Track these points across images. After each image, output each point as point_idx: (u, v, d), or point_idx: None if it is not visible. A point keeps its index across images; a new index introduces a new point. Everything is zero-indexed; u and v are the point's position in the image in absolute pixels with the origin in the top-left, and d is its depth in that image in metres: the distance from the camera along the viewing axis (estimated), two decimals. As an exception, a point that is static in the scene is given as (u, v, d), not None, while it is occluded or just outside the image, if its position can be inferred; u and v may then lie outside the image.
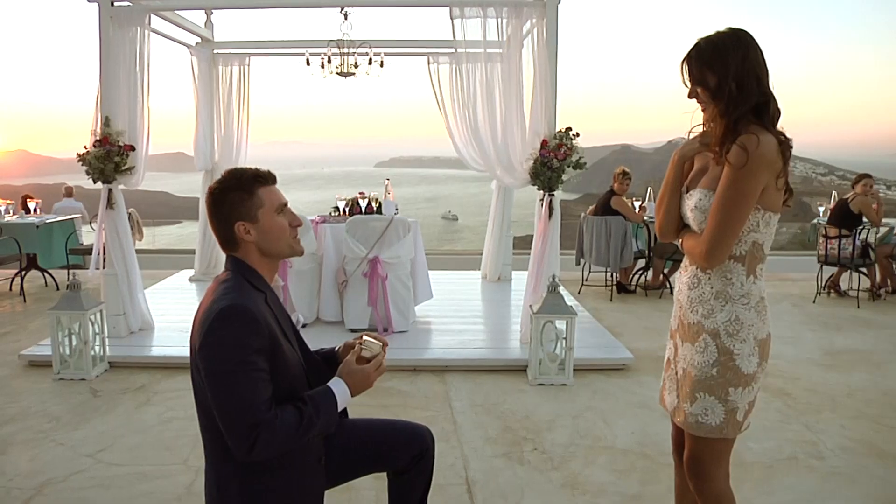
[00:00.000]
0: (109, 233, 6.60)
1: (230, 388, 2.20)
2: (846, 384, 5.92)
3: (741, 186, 2.35)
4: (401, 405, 5.29)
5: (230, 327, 2.23)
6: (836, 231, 8.92)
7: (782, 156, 2.39)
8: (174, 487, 4.05)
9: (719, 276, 2.51)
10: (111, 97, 6.40)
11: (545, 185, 6.33)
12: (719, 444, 2.63)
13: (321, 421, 2.34)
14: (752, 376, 2.53)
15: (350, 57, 8.89)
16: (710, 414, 2.55)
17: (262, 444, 2.19)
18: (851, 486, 4.15)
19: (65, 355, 5.88)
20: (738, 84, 2.36)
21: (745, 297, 2.49)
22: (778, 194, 2.44)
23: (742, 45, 2.38)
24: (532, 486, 4.11)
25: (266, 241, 2.47)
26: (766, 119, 2.41)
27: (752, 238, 2.46)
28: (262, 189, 2.47)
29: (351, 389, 2.45)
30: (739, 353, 2.49)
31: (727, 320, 2.50)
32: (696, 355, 2.57)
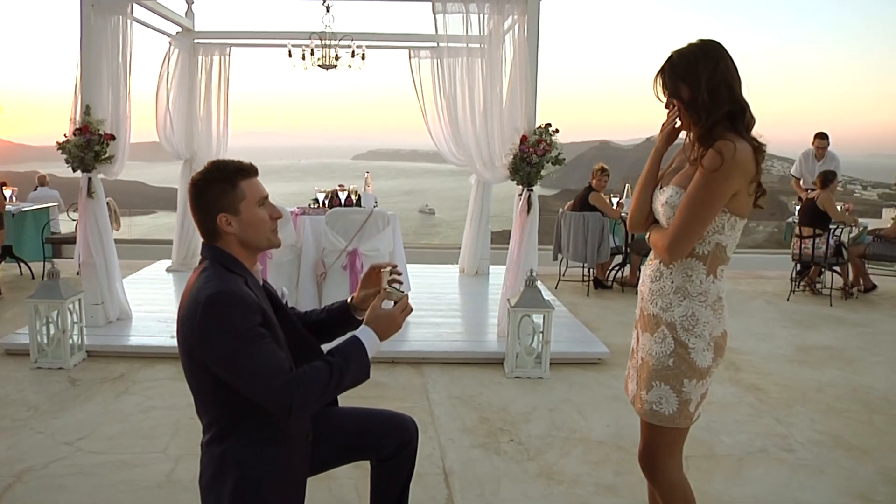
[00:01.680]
0: (88, 222, 6.58)
1: (250, 360, 2.25)
2: (817, 380, 6.03)
3: (712, 189, 2.42)
4: (379, 397, 5.33)
5: (224, 310, 2.27)
6: (809, 230, 9.03)
7: (756, 161, 2.46)
8: (154, 475, 4.08)
9: (681, 272, 2.58)
10: (92, 85, 6.38)
11: (524, 181, 6.38)
12: (672, 433, 2.70)
13: (352, 369, 2.40)
14: (706, 370, 2.61)
15: (332, 49, 8.90)
16: (664, 403, 2.63)
17: (300, 399, 2.26)
18: (820, 478, 4.24)
19: (42, 344, 5.87)
20: (709, 94, 2.43)
21: (703, 295, 2.57)
22: (748, 200, 2.51)
23: (712, 56, 2.45)
24: (508, 476, 4.17)
25: (246, 233, 2.50)
26: (740, 126, 2.47)
27: (717, 240, 2.54)
28: (245, 182, 2.51)
29: (379, 334, 2.51)
30: (694, 347, 2.57)
31: (684, 315, 2.57)
32: (654, 345, 2.64)
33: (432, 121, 8.17)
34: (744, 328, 7.71)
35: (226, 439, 2.43)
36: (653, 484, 2.84)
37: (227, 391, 2.33)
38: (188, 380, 2.48)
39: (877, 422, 5.17)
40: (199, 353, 2.33)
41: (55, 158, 6.50)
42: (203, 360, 2.33)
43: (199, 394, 2.48)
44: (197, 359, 2.36)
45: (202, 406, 2.50)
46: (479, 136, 6.88)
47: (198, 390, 2.48)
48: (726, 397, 5.57)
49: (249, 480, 2.40)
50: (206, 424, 2.51)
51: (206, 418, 2.49)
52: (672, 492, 2.79)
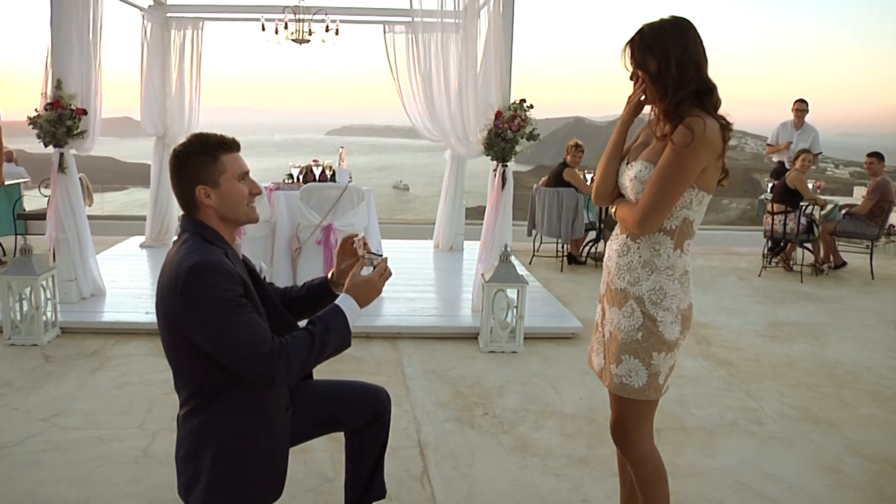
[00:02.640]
0: (61, 197, 6.52)
1: (232, 329, 2.27)
2: (787, 354, 6.12)
3: (683, 164, 2.45)
4: (354, 370, 5.36)
5: (206, 280, 2.28)
6: (780, 207, 9.12)
7: (723, 139, 2.51)
8: (130, 451, 4.08)
9: (648, 246, 2.61)
10: (63, 59, 6.29)
11: (499, 156, 6.39)
12: (642, 405, 2.73)
13: (333, 337, 2.42)
14: (675, 343, 2.64)
15: (305, 24, 8.85)
16: (633, 376, 2.66)
17: (283, 368, 2.28)
18: (788, 450, 4.32)
19: (16, 321, 5.83)
20: (678, 69, 2.45)
21: (671, 269, 2.60)
22: (715, 175, 2.56)
23: (683, 33, 2.48)
24: (483, 449, 4.21)
25: (225, 207, 2.51)
26: (707, 105, 2.50)
27: (684, 214, 2.57)
28: (226, 156, 2.51)
29: (359, 301, 2.54)
30: (662, 320, 2.60)
31: (652, 289, 2.60)
32: (623, 319, 2.67)
33: (407, 96, 8.15)
34: (715, 303, 7.80)
35: (204, 412, 2.43)
36: (624, 455, 2.89)
37: (208, 363, 2.34)
38: (167, 353, 2.49)
39: (844, 395, 5.27)
40: (180, 324, 2.33)
41: (25, 134, 6.43)
42: (184, 332, 2.34)
43: (178, 367, 2.49)
44: (178, 331, 2.36)
45: (181, 379, 2.51)
46: (453, 111, 6.88)
47: (177, 363, 2.48)
48: (697, 371, 5.65)
49: (228, 452, 2.42)
50: (184, 398, 2.51)
51: (185, 391, 2.50)
52: (643, 462, 2.83)
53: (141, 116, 9.02)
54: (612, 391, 2.78)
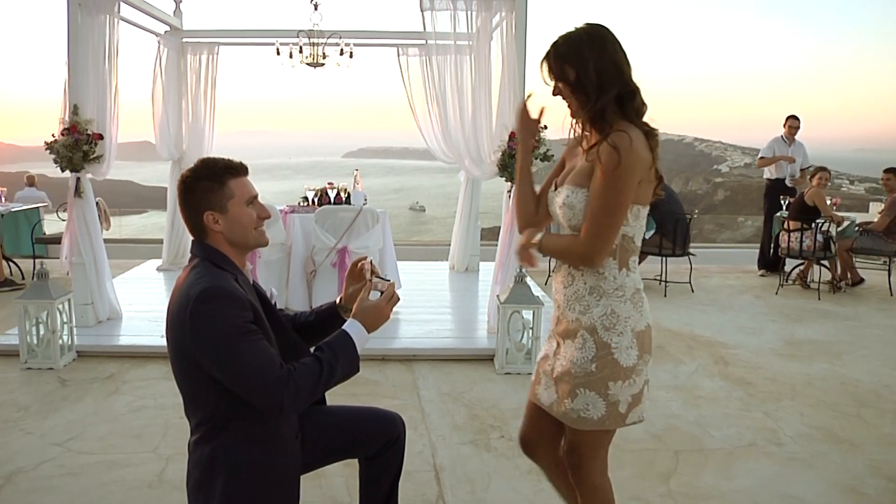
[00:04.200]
0: (77, 221, 6.57)
1: (241, 356, 2.26)
2: (806, 373, 6.06)
3: (618, 186, 2.38)
4: (369, 394, 5.34)
5: (214, 305, 2.27)
6: (796, 224, 9.07)
7: (650, 147, 2.44)
8: (145, 475, 4.08)
9: (592, 271, 2.52)
10: (80, 85, 6.35)
11: (513, 177, 6.38)
12: (596, 435, 2.64)
13: (341, 364, 2.39)
14: (633, 369, 2.53)
15: (320, 47, 8.90)
16: (591, 409, 2.54)
17: (290, 395, 2.26)
18: (809, 471, 4.27)
19: (32, 344, 5.85)
20: (597, 74, 2.40)
21: (620, 290, 2.52)
22: (649, 186, 2.49)
23: (598, 39, 2.44)
24: (499, 473, 4.18)
25: (233, 232, 2.51)
26: (629, 110, 2.44)
27: (622, 231, 2.49)
28: (233, 180, 2.51)
29: (367, 326, 2.50)
30: (617, 346, 2.50)
31: (603, 314, 2.51)
32: (575, 352, 2.56)
33: (422, 118, 8.17)
34: (732, 322, 7.74)
35: (214, 439, 2.42)
36: (576, 485, 2.79)
37: (218, 390, 2.33)
38: (177, 379, 2.48)
39: (865, 415, 5.20)
40: (189, 350, 2.33)
41: (45, 159, 6.49)
42: (193, 357, 2.33)
43: (188, 393, 2.48)
44: (187, 356, 2.35)
45: (191, 405, 2.50)
46: (467, 133, 6.89)
47: (187, 389, 2.48)
48: (715, 391, 5.59)
49: (240, 481, 2.40)
50: (194, 424, 2.50)
51: (195, 418, 2.49)
52: (594, 494, 2.75)
53: (156, 141, 9.08)
54: (567, 424, 2.65)
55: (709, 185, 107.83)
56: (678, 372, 6.04)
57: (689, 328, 7.46)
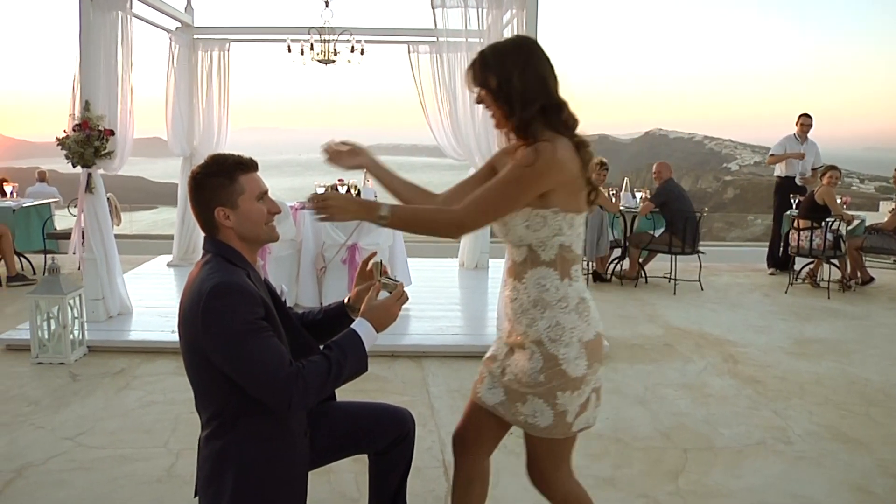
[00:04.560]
0: (89, 217, 6.60)
1: (250, 352, 2.26)
2: (815, 372, 6.05)
3: (520, 183, 2.39)
4: (379, 390, 5.35)
5: (227, 301, 2.28)
6: (806, 223, 9.05)
7: (581, 159, 2.44)
8: (155, 470, 4.10)
9: (534, 284, 2.51)
10: (91, 81, 6.38)
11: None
12: (555, 444, 2.63)
13: (350, 362, 2.39)
14: (581, 379, 2.52)
15: (331, 44, 8.91)
16: (539, 416, 2.54)
17: (300, 392, 2.26)
18: (818, 470, 4.26)
19: (43, 339, 5.89)
20: (521, 84, 2.40)
21: (563, 301, 2.50)
22: (579, 196, 2.49)
23: (523, 50, 2.46)
24: (508, 470, 4.17)
25: (244, 227, 2.51)
26: (556, 123, 2.45)
27: (559, 241, 2.48)
28: (244, 176, 2.51)
29: (375, 326, 2.49)
30: (565, 357, 2.49)
31: (548, 326, 2.49)
32: (525, 362, 2.55)
33: (432, 115, 8.18)
34: (742, 321, 7.73)
35: (225, 435, 2.43)
36: (546, 496, 2.77)
37: (228, 385, 2.34)
38: (188, 374, 2.49)
39: (874, 414, 5.19)
40: (200, 345, 2.33)
41: (57, 154, 6.51)
42: (205, 352, 2.34)
43: (199, 388, 2.49)
44: (199, 351, 2.36)
45: (202, 400, 2.51)
46: (478, 130, 6.89)
47: (198, 384, 2.49)
48: (724, 389, 5.59)
49: (249, 477, 2.41)
50: (205, 419, 2.52)
51: (206, 413, 2.50)
52: (567, 500, 2.74)
53: (168, 137, 9.10)
54: (519, 427, 2.65)
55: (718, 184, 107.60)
56: (687, 370, 6.03)
57: (698, 326, 7.45)
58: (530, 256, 2.51)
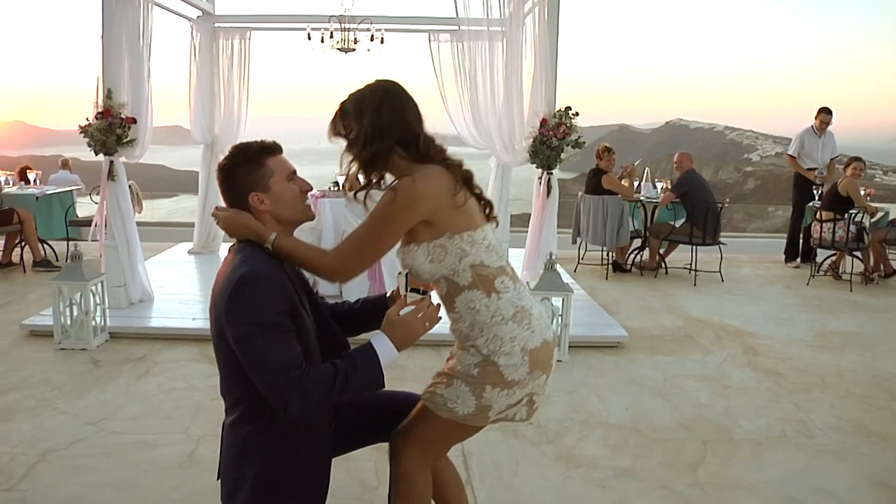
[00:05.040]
0: (110, 204, 6.64)
1: (260, 350, 2.25)
2: (836, 365, 6.01)
3: (386, 222, 2.40)
4: (397, 379, 5.31)
5: (251, 292, 2.27)
6: (829, 215, 8.98)
7: (455, 178, 2.46)
8: (175, 456, 4.12)
9: (465, 309, 2.50)
10: (113, 69, 6.40)
11: (544, 164, 6.39)
12: (452, 426, 2.58)
13: (359, 378, 2.32)
14: (518, 382, 2.47)
15: (351, 33, 8.92)
16: (459, 403, 2.50)
17: (298, 400, 2.23)
18: (839, 464, 4.23)
19: (66, 325, 5.93)
20: (373, 127, 2.42)
21: (497, 315, 2.47)
22: (466, 213, 2.48)
23: (378, 93, 2.47)
24: (526, 459, 4.19)
25: (280, 208, 2.51)
26: (420, 154, 2.47)
27: (468, 263, 2.46)
28: (270, 159, 2.52)
29: (396, 343, 2.41)
30: (505, 364, 2.44)
31: (486, 339, 2.46)
32: (464, 354, 2.52)
33: (452, 104, 8.16)
34: (763, 313, 7.69)
35: (248, 423, 2.43)
36: (395, 461, 2.73)
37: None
38: (217, 359, 2.48)
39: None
40: (225, 331, 2.35)
41: (80, 142, 6.55)
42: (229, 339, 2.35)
43: (225, 373, 2.49)
44: (224, 337, 2.36)
45: (227, 385, 2.51)
46: (499, 119, 6.87)
47: (224, 369, 2.48)
48: (745, 381, 5.56)
49: (271, 466, 2.41)
50: (229, 405, 2.52)
51: (230, 399, 2.50)
52: (403, 480, 2.69)
53: (190, 125, 9.14)
54: (430, 407, 2.59)
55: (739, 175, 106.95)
56: (707, 362, 6.01)
57: (718, 318, 7.42)
58: (450, 287, 2.51)
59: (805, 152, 10.31)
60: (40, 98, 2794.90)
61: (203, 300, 7.30)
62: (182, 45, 9.01)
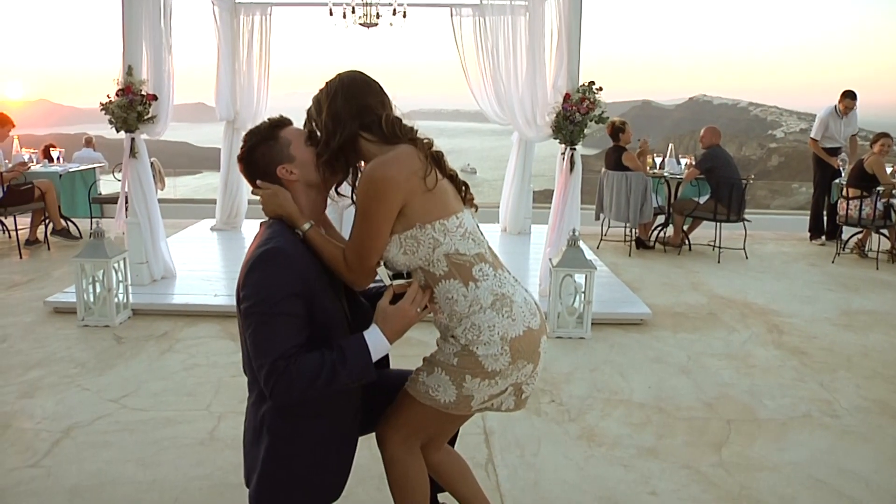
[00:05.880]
0: (132, 182, 6.64)
1: (257, 329, 2.25)
2: (862, 344, 5.94)
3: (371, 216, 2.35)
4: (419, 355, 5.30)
5: (266, 270, 2.26)
6: (855, 192, 8.86)
7: (422, 158, 2.40)
8: (197, 433, 4.14)
9: (444, 300, 2.44)
10: (134, 46, 6.38)
11: (567, 139, 6.32)
12: (436, 414, 2.55)
13: (348, 370, 2.29)
14: (499, 372, 2.42)
15: (373, 8, 8.86)
16: (441, 392, 2.47)
17: (280, 388, 2.22)
18: (865, 445, 4.18)
19: (89, 302, 5.96)
20: (331, 118, 2.41)
21: (474, 305, 2.41)
22: (438, 200, 2.41)
23: (332, 87, 2.45)
24: (549, 437, 4.17)
25: (310, 173, 2.50)
26: (380, 133, 2.43)
27: (442, 252, 2.40)
28: (283, 131, 2.51)
29: (388, 334, 2.39)
30: (484, 354, 2.39)
31: (464, 329, 2.40)
32: (444, 343, 2.50)
33: (474, 80, 8.11)
34: (787, 291, 7.61)
35: (263, 403, 2.44)
36: (382, 449, 2.72)
37: None
38: (240, 335, 2.46)
39: (924, 387, 5.09)
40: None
41: (104, 120, 6.55)
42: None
43: (245, 349, 2.48)
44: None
45: (247, 360, 2.50)
46: (521, 94, 6.82)
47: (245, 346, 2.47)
48: (769, 360, 5.51)
49: (281, 450, 2.41)
50: (249, 381, 2.52)
51: (250, 375, 2.50)
52: (392, 466, 2.69)
53: (215, 101, 9.13)
54: (413, 395, 2.58)
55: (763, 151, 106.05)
56: (731, 340, 5.96)
57: (742, 295, 7.35)
58: (427, 277, 2.45)
59: (827, 134, 10.19)
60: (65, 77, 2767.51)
61: (225, 276, 7.32)
62: (206, 23, 8.99)
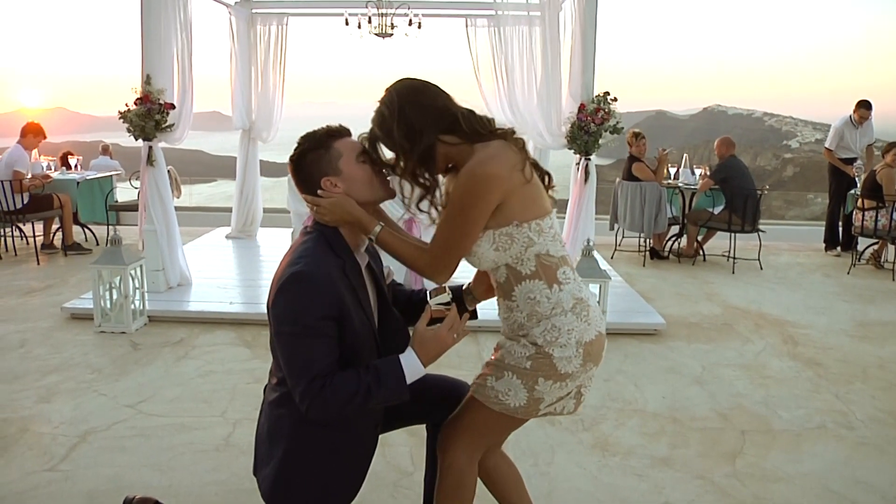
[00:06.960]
0: (150, 189, 6.70)
1: (291, 350, 2.26)
2: (878, 355, 5.91)
3: (466, 213, 2.34)
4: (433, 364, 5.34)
5: (296, 292, 2.26)
6: (871, 203, 8.82)
7: (516, 148, 2.39)
8: (212, 439, 4.16)
9: (524, 299, 2.43)
10: (153, 55, 6.44)
11: (582, 149, 6.34)
12: (502, 419, 2.55)
13: (382, 392, 2.31)
14: (570, 375, 2.42)
15: (388, 18, 8.90)
16: (511, 395, 2.46)
17: (316, 408, 2.24)
18: (880, 457, 4.16)
19: (106, 309, 6.00)
20: (405, 134, 2.36)
21: (557, 307, 2.41)
22: (535, 197, 2.42)
23: (392, 103, 2.39)
24: (562, 447, 4.17)
25: (355, 190, 2.47)
26: (465, 133, 2.40)
27: (533, 252, 2.40)
28: (338, 142, 2.47)
29: (423, 359, 2.41)
30: (559, 356, 2.39)
31: (544, 330, 2.40)
32: (515, 346, 2.47)
33: (488, 90, 8.12)
34: (803, 301, 7.58)
35: (285, 406, 2.44)
36: (440, 455, 2.70)
37: None
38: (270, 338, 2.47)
39: (940, 399, 5.07)
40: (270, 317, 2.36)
41: (121, 128, 6.61)
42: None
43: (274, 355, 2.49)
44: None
45: (276, 364, 2.50)
46: (536, 104, 6.83)
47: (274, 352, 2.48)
48: (784, 371, 5.49)
49: (297, 458, 2.43)
50: (275, 382, 2.53)
51: (277, 375, 2.50)
52: (448, 472, 2.66)
53: (232, 110, 9.20)
54: (482, 400, 2.57)
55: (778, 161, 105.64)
56: (745, 350, 5.94)
57: (757, 306, 7.33)
58: (511, 274, 2.45)
59: (843, 144, 10.15)
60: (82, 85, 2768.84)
61: (241, 284, 7.36)
62: (222, 32, 9.05)
